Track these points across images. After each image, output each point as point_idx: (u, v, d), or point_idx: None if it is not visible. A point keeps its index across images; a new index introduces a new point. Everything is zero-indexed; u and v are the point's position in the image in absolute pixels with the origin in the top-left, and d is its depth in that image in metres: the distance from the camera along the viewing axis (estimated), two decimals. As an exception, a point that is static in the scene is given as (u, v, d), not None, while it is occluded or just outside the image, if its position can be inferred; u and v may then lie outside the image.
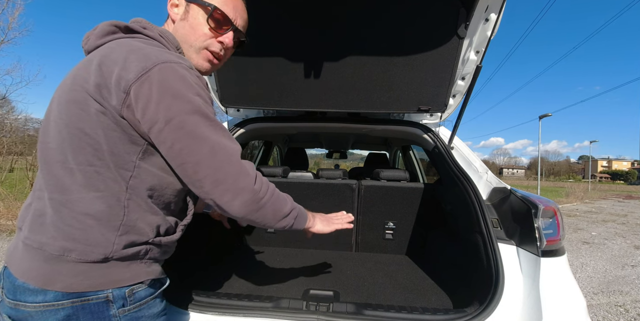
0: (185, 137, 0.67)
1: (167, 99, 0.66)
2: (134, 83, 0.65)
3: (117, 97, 0.66)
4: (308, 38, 1.52)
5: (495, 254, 1.27)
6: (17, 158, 9.08)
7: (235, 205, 0.71)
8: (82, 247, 0.66)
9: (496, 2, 1.31)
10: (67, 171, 0.67)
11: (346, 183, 2.13)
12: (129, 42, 0.72)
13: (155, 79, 0.65)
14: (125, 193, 0.70)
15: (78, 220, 0.66)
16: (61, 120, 0.68)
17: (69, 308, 0.65)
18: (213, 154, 0.69)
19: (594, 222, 8.57)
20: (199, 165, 0.68)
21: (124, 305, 0.70)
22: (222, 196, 0.70)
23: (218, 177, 0.69)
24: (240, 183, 0.71)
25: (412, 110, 1.78)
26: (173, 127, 0.66)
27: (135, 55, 0.68)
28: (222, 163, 0.69)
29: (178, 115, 0.66)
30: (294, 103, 1.79)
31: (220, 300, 1.19)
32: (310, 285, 1.62)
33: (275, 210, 0.78)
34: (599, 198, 17.62)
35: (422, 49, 1.52)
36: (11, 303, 0.67)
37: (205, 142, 0.68)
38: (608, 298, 3.28)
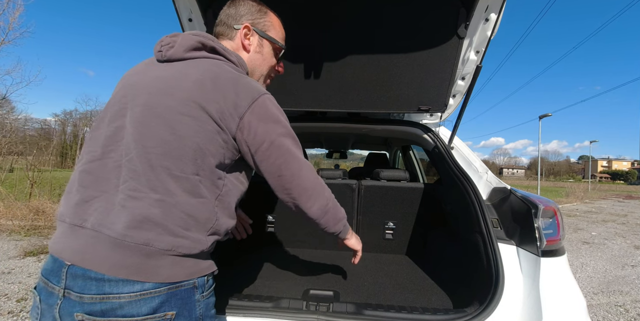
0: (285, 154, 0.84)
1: (271, 124, 0.83)
2: (247, 110, 0.80)
3: (233, 122, 0.79)
4: (308, 38, 1.52)
5: (495, 254, 1.27)
6: (17, 158, 9.08)
7: (314, 208, 0.88)
8: (189, 243, 0.74)
9: (496, 2, 1.31)
10: (173, 177, 0.74)
11: (346, 183, 2.13)
12: (227, 69, 0.84)
13: (262, 107, 0.82)
14: (215, 201, 0.80)
15: (185, 221, 0.74)
16: (174, 131, 0.75)
17: (165, 295, 0.71)
18: (301, 168, 0.86)
19: (594, 222, 8.57)
20: (293, 177, 0.85)
21: (203, 292, 0.79)
22: (306, 201, 0.87)
23: (306, 186, 0.86)
24: (318, 193, 0.89)
25: (412, 110, 1.78)
26: (276, 146, 0.83)
27: (241, 83, 0.82)
28: (308, 176, 0.87)
29: (280, 137, 0.84)
30: (294, 103, 1.79)
31: (220, 299, 1.19)
32: (310, 285, 1.62)
33: (336, 214, 0.96)
34: (599, 198, 17.63)
35: (422, 48, 1.52)
36: (94, 298, 0.67)
37: (297, 158, 0.86)
38: (608, 298, 3.28)
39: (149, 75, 0.82)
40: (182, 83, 0.78)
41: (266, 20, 1.00)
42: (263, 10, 1.00)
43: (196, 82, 0.78)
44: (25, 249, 3.89)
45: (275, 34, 1.02)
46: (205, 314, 0.80)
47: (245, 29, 0.95)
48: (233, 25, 0.96)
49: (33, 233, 4.74)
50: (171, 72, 0.81)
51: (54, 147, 8.27)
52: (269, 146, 0.82)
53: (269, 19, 1.01)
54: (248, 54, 0.98)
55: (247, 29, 0.96)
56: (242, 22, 0.96)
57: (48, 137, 35.68)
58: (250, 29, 0.96)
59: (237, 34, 0.96)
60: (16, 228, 4.84)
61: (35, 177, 6.32)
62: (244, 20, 0.96)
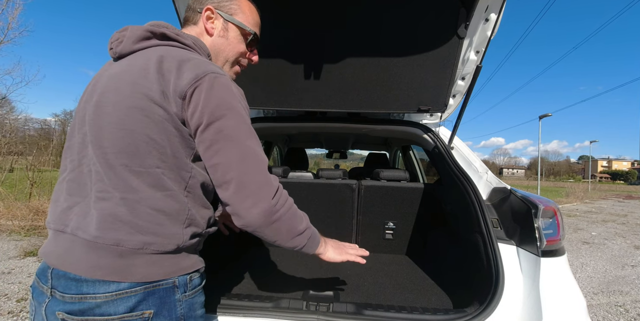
0: (222, 139, 0.74)
1: (212, 104, 0.74)
2: (188, 89, 0.73)
3: (175, 104, 0.73)
4: (308, 38, 1.52)
5: (495, 254, 1.27)
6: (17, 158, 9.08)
7: (254, 213, 0.74)
8: (161, 240, 0.72)
9: (496, 2, 1.31)
10: (134, 173, 0.72)
11: (346, 183, 2.13)
12: (176, 52, 0.79)
13: (205, 86, 0.74)
14: (184, 191, 0.77)
15: (153, 216, 0.72)
16: (123, 126, 0.72)
17: (141, 294, 0.70)
18: (243, 158, 0.75)
19: (594, 222, 8.57)
20: (229, 167, 0.74)
21: (185, 291, 0.76)
22: (243, 201, 0.74)
23: (244, 181, 0.74)
24: (262, 192, 0.75)
25: (412, 110, 1.78)
26: (213, 130, 0.74)
27: (187, 64, 0.75)
28: (250, 169, 0.75)
29: (220, 119, 0.74)
30: (294, 103, 1.79)
31: (220, 299, 1.19)
32: (310, 285, 1.62)
33: (290, 226, 0.81)
34: (599, 198, 17.62)
35: (422, 49, 1.52)
36: (74, 298, 0.68)
37: (239, 146, 0.75)
38: (608, 298, 3.28)
39: (104, 75, 0.80)
40: (127, 75, 0.75)
41: (233, 3, 0.95)
42: None
43: (140, 71, 0.74)
44: (25, 249, 3.89)
45: (244, 18, 0.96)
46: (189, 314, 0.77)
47: (208, 11, 0.91)
48: (197, 8, 0.92)
49: (33, 233, 4.74)
50: (120, 67, 0.78)
51: (53, 147, 8.26)
52: (205, 128, 0.74)
53: (237, 3, 0.95)
54: (211, 38, 0.93)
55: (210, 12, 0.91)
56: (205, 5, 0.92)
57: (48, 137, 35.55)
58: (214, 12, 0.92)
59: (200, 17, 0.92)
60: (16, 228, 4.84)
61: (35, 177, 6.32)
62: (207, 3, 0.92)
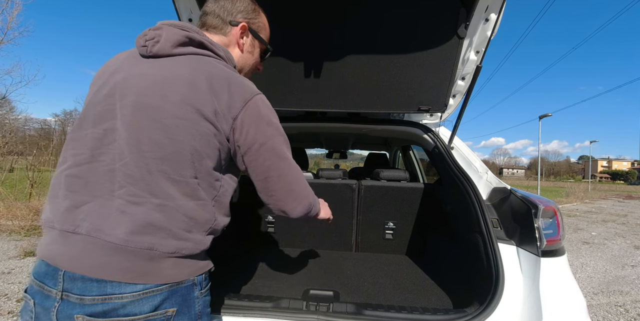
0: (274, 156, 0.84)
1: (263, 125, 0.83)
2: (240, 111, 0.79)
3: (226, 122, 0.79)
4: (308, 38, 1.52)
5: (495, 254, 1.27)
6: (17, 158, 9.08)
7: (298, 210, 0.89)
8: (192, 245, 0.76)
9: (496, 2, 1.31)
10: (172, 181, 0.73)
11: (346, 183, 2.13)
12: (219, 66, 0.83)
13: (254, 108, 0.82)
14: (212, 201, 0.81)
15: (186, 224, 0.75)
16: (171, 135, 0.73)
17: (166, 293, 0.72)
18: (290, 171, 0.87)
19: (594, 222, 8.57)
20: (280, 179, 0.85)
21: (201, 289, 0.81)
22: (291, 203, 0.88)
23: (291, 189, 0.87)
24: (303, 194, 0.89)
25: (412, 110, 1.78)
26: (267, 148, 0.83)
27: (234, 83, 0.80)
28: (295, 178, 0.88)
29: (271, 139, 0.84)
30: (294, 103, 1.79)
31: (220, 299, 1.19)
32: (310, 285, 1.62)
33: (316, 211, 0.98)
34: (599, 198, 17.62)
35: (422, 49, 1.52)
36: (96, 300, 0.67)
37: (286, 161, 0.86)
38: (608, 298, 3.28)
39: (134, 72, 0.78)
40: (175, 84, 0.76)
41: (259, 22, 1.00)
42: (257, 10, 0.99)
43: (189, 83, 0.76)
44: (25, 249, 3.89)
45: (265, 35, 1.04)
46: (203, 311, 0.82)
47: (242, 28, 0.94)
48: (228, 20, 0.93)
49: (33, 233, 4.74)
50: (160, 71, 0.77)
51: (53, 147, 8.24)
52: (259, 147, 0.82)
53: (262, 20, 1.01)
54: (241, 53, 0.98)
55: (244, 29, 0.95)
56: (238, 19, 0.94)
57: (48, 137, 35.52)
58: (247, 29, 0.95)
59: (232, 31, 0.94)
60: (16, 228, 4.84)
61: (35, 177, 6.32)
62: (239, 17, 0.94)
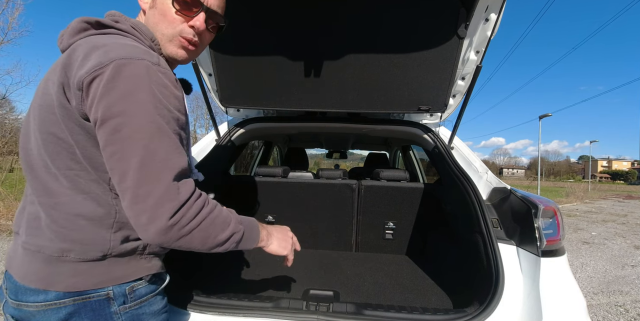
0: (119, 141, 0.60)
1: (112, 97, 0.60)
2: (85, 78, 0.61)
3: (75, 97, 0.63)
4: (308, 38, 1.52)
5: (495, 254, 1.27)
6: (17, 158, 9.07)
7: (150, 231, 0.60)
8: (80, 247, 0.67)
9: (496, 2, 1.30)
10: (51, 176, 0.68)
11: (346, 183, 2.13)
12: (96, 39, 0.67)
13: (106, 75, 0.60)
14: (110, 193, 0.70)
15: (71, 222, 0.67)
16: (36, 126, 0.69)
17: (71, 307, 0.67)
18: (142, 165, 0.60)
19: (594, 221, 8.57)
20: (125, 174, 0.60)
21: (125, 302, 0.71)
22: (139, 216, 0.60)
23: (139, 193, 0.60)
24: (160, 208, 0.60)
25: (412, 110, 1.78)
26: (109, 128, 0.60)
27: (97, 52, 0.63)
28: (147, 179, 0.60)
29: (120, 116, 0.60)
30: (294, 103, 1.79)
31: (220, 299, 1.19)
32: (310, 285, 1.62)
33: (205, 239, 0.67)
34: (599, 198, 17.61)
35: (422, 49, 1.52)
36: (14, 304, 0.68)
37: (138, 150, 0.60)
38: (608, 298, 3.28)
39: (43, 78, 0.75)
40: (52, 74, 0.69)
41: None
42: None
43: (54, 67, 0.68)
44: (25, 249, 3.89)
45: None
46: None
47: None
48: None
49: (33, 233, 4.74)
50: (52, 66, 0.72)
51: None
52: (100, 126, 0.61)
53: None
54: (144, 15, 0.80)
55: None
56: None
57: (48, 137, 35.40)
58: None
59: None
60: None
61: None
62: None
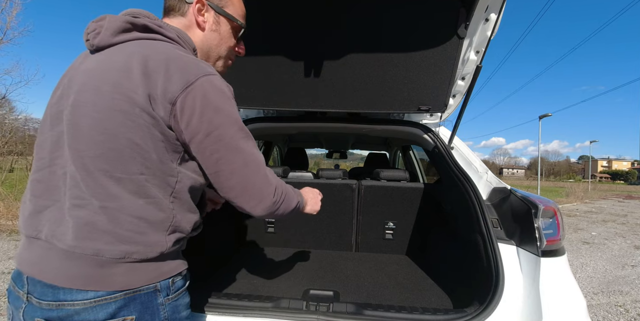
0: (223, 148, 0.74)
1: (209, 112, 0.71)
2: (180, 95, 0.69)
3: (164, 108, 0.70)
4: (308, 38, 1.52)
5: (495, 254, 1.27)
6: (17, 158, 9.08)
7: (258, 209, 0.79)
8: (143, 249, 0.71)
9: (496, 2, 1.30)
10: (114, 180, 0.68)
11: (346, 183, 2.13)
12: (161, 48, 0.74)
13: (199, 92, 0.70)
14: (170, 197, 0.75)
15: (135, 225, 0.70)
16: (104, 129, 0.68)
17: (121, 300, 0.68)
18: (245, 165, 0.76)
19: (594, 221, 8.57)
20: (232, 174, 0.75)
21: (168, 294, 0.76)
22: (248, 202, 0.78)
23: (247, 186, 0.77)
24: (264, 192, 0.78)
25: (412, 110, 1.78)
26: (213, 139, 0.73)
27: (175, 64, 0.71)
28: (251, 174, 0.77)
29: (218, 128, 0.73)
30: (294, 103, 1.79)
31: (220, 299, 1.19)
32: (310, 285, 1.62)
33: (287, 208, 0.86)
34: (599, 198, 17.61)
35: (422, 48, 1.52)
36: (51, 305, 0.67)
37: (240, 154, 0.75)
38: (608, 298, 3.28)
39: (80, 69, 0.75)
40: (108, 74, 0.70)
41: None
42: None
43: (122, 70, 0.69)
44: (25, 249, 3.89)
45: (234, 10, 0.91)
46: (173, 317, 0.77)
47: (199, 3, 0.84)
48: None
49: (33, 233, 4.74)
50: (99, 63, 0.72)
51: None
52: (204, 138, 0.72)
53: None
54: (203, 32, 0.88)
55: (201, 4, 0.85)
56: None
57: (48, 137, 35.31)
58: (205, 4, 0.85)
59: (189, 9, 0.85)
60: (16, 228, 4.84)
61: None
62: None
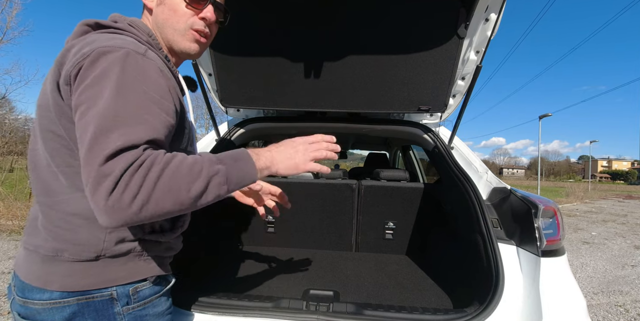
0: (81, 127, 0.57)
1: (85, 84, 0.59)
2: (72, 71, 0.60)
3: (64, 92, 0.63)
4: (308, 38, 1.52)
5: (495, 254, 1.27)
6: (17, 158, 9.08)
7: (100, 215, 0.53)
8: (73, 247, 0.67)
9: (496, 2, 1.30)
10: (52, 174, 0.69)
11: (346, 183, 2.13)
12: (90, 37, 0.67)
13: (87, 61, 0.59)
14: None
15: (67, 221, 0.67)
16: (38, 125, 0.70)
17: (75, 306, 0.67)
18: (89, 149, 0.54)
19: (594, 221, 8.57)
20: (81, 143, 0.56)
21: (128, 303, 0.71)
22: (90, 198, 0.53)
23: (84, 169, 0.54)
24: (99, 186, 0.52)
25: (412, 110, 1.78)
26: (77, 114, 0.59)
27: (84, 46, 0.63)
28: (92, 147, 0.53)
29: (85, 102, 0.58)
30: (294, 103, 1.79)
31: (220, 299, 1.19)
32: (310, 285, 1.62)
33: (175, 197, 0.55)
34: (599, 198, 17.61)
35: (422, 48, 1.52)
36: (20, 301, 0.70)
37: (89, 133, 0.55)
38: (608, 298, 3.28)
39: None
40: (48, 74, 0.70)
41: None
42: None
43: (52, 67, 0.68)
44: (25, 249, 3.89)
45: None
46: None
47: None
48: None
49: (33, 233, 4.74)
50: None
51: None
52: (74, 112, 0.60)
53: None
54: (151, 13, 0.80)
55: None
56: None
57: (48, 137, 35.36)
58: None
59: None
60: (16, 228, 4.84)
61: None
62: None
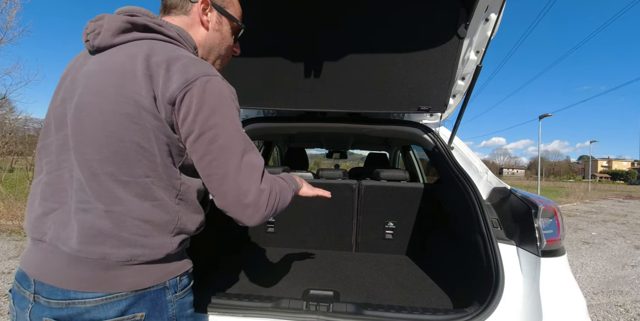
0: (216, 151, 0.71)
1: (205, 112, 0.70)
2: (178, 94, 0.68)
3: (165, 110, 0.69)
4: (308, 38, 1.52)
5: (495, 254, 1.27)
6: (17, 158, 9.08)
7: (255, 218, 0.74)
8: (149, 251, 0.71)
9: (496, 2, 1.30)
10: (120, 183, 0.68)
11: (346, 183, 2.13)
12: (162, 48, 0.73)
13: (196, 91, 0.69)
14: (175, 199, 0.75)
15: (141, 228, 0.70)
16: (109, 133, 0.68)
17: (132, 298, 0.69)
18: (239, 170, 0.72)
19: (594, 221, 8.57)
20: (225, 178, 0.71)
21: (175, 292, 0.77)
22: (243, 211, 0.73)
23: (240, 193, 0.72)
24: (260, 201, 0.73)
25: (412, 110, 1.78)
26: (207, 140, 0.70)
27: (175, 65, 0.70)
28: (245, 180, 0.72)
29: (212, 129, 0.70)
30: (294, 103, 1.79)
31: (220, 299, 1.19)
32: (310, 285, 1.62)
33: (283, 205, 0.84)
34: (599, 198, 17.61)
35: (422, 48, 1.52)
36: (61, 304, 0.67)
37: (234, 157, 0.72)
38: (608, 298, 3.28)
39: (82, 71, 0.74)
40: (110, 76, 0.70)
41: None
42: None
43: (125, 72, 0.69)
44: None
45: (234, 11, 0.93)
46: (180, 314, 0.78)
47: (204, 3, 0.85)
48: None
49: (33, 233, 4.74)
50: (100, 65, 0.72)
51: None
52: (197, 138, 0.70)
53: None
54: (207, 31, 0.88)
55: (206, 4, 0.86)
56: None
57: (48, 137, 35.34)
58: (209, 4, 0.86)
59: (194, 8, 0.85)
60: (16, 228, 4.84)
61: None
62: None
